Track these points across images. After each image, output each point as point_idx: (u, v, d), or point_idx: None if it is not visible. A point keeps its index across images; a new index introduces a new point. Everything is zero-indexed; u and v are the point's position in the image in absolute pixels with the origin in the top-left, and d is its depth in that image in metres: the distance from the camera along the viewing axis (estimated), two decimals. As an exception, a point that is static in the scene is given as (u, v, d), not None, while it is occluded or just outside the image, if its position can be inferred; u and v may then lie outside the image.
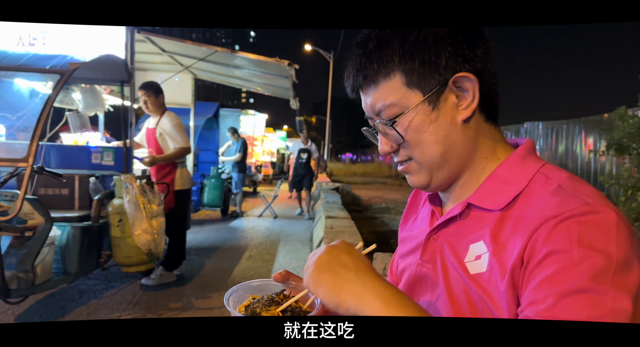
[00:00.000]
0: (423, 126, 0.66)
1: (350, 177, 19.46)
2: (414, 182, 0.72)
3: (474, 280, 0.63)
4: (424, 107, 0.65)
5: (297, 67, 5.19)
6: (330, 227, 4.64)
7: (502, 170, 0.67)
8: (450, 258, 0.68)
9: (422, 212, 0.82)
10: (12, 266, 2.75)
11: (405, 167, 0.72)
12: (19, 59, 2.81)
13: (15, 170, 2.69)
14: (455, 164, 0.68)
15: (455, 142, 0.67)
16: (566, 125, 7.64)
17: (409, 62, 0.65)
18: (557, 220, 0.55)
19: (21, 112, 3.04)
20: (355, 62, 0.69)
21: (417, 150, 0.68)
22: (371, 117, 0.72)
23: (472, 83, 0.65)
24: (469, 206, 0.68)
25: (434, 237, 0.72)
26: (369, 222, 7.40)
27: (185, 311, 3.28)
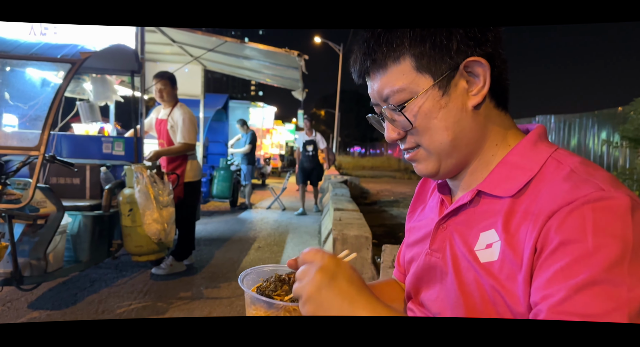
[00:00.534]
0: (433, 112, 0.64)
1: (359, 171, 19.41)
2: (422, 170, 0.70)
3: (485, 269, 0.62)
4: (434, 92, 0.64)
5: (307, 58, 5.16)
6: (339, 219, 4.62)
7: (513, 157, 0.66)
8: (460, 247, 0.67)
9: (431, 202, 0.81)
10: (25, 253, 2.79)
11: (413, 155, 0.70)
12: (30, 48, 2.82)
13: (27, 159, 2.71)
14: (464, 151, 0.67)
15: (465, 128, 0.65)
16: (579, 118, 7.52)
17: (419, 46, 0.63)
18: (570, 207, 0.54)
19: (33, 101, 3.06)
20: (363, 45, 0.68)
21: (426, 136, 0.66)
22: (377, 103, 0.70)
23: (483, 68, 0.63)
24: (479, 194, 0.67)
25: (443, 226, 0.71)
26: (378, 215, 7.38)
27: (194, 300, 3.30)
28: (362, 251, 3.61)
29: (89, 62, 3.01)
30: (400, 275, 0.90)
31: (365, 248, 3.64)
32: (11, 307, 3.00)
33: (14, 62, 3.12)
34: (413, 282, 0.77)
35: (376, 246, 3.95)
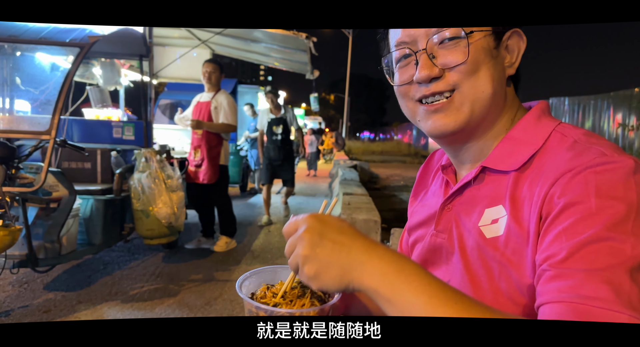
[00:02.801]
0: (487, 56, 0.63)
1: (369, 156, 19.35)
2: (446, 123, 0.65)
3: (490, 244, 0.62)
4: (490, 39, 0.64)
5: (315, 40, 5.10)
6: (348, 203, 4.62)
7: (517, 132, 0.66)
8: (466, 225, 0.66)
9: (433, 187, 0.80)
10: (39, 236, 2.84)
11: (442, 104, 0.64)
12: (39, 33, 2.82)
13: (38, 143, 2.74)
14: (494, 112, 0.66)
15: (500, 92, 0.66)
16: (594, 100, 7.38)
17: None
18: (573, 173, 0.54)
19: (43, 85, 3.07)
20: None
21: (472, 79, 0.63)
22: (411, 41, 0.65)
23: (522, 40, 0.65)
24: (484, 170, 0.66)
25: (448, 206, 0.71)
26: (387, 200, 7.37)
27: (205, 283, 3.35)
28: (371, 234, 3.62)
29: (98, 46, 3.01)
30: None
31: (374, 232, 3.64)
32: (27, 289, 3.07)
33: (24, 47, 3.13)
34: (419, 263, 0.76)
35: (385, 230, 3.96)
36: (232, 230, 4.31)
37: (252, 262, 3.92)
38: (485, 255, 0.62)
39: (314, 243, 0.55)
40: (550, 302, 0.50)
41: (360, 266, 0.53)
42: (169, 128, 6.74)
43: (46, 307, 2.81)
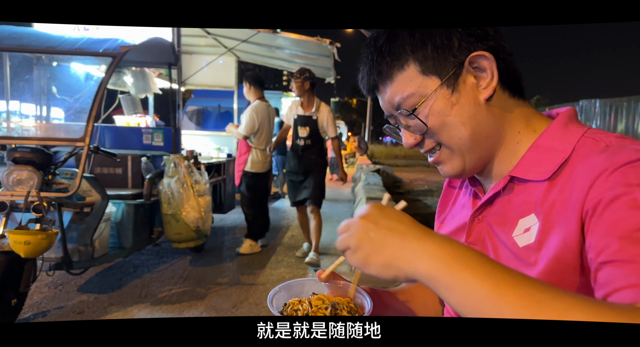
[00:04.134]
0: (445, 110, 0.65)
1: (392, 160, 19.21)
2: (448, 171, 0.70)
3: (524, 252, 0.62)
4: (443, 91, 0.65)
5: (339, 46, 5.13)
6: (373, 208, 4.61)
7: (544, 140, 0.65)
8: (499, 236, 0.66)
9: (461, 199, 0.80)
10: (74, 239, 2.95)
11: (436, 157, 0.70)
12: (74, 43, 2.94)
13: (73, 150, 2.85)
14: (485, 143, 0.67)
15: (482, 121, 0.65)
16: (627, 103, 7.13)
17: (421, 50, 0.65)
18: (610, 170, 0.54)
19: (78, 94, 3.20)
20: (367, 60, 0.69)
21: (444, 134, 0.66)
22: (391, 114, 0.71)
23: (489, 61, 0.64)
24: (513, 179, 0.66)
25: (478, 217, 0.70)
26: (411, 205, 7.31)
27: (232, 286, 3.39)
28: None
29: (129, 56, 3.10)
30: None
31: (399, 237, 3.62)
32: (62, 290, 3.18)
33: (60, 57, 3.27)
34: None
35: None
36: (256, 234, 4.38)
37: (277, 267, 3.96)
38: (520, 264, 0.62)
39: (368, 228, 0.55)
40: (619, 289, 0.49)
41: (414, 253, 0.51)
42: (196, 134, 6.88)
43: (80, 308, 2.90)
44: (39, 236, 2.40)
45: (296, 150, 3.99)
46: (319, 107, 3.93)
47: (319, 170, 4.06)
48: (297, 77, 3.82)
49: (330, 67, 6.32)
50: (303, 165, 3.99)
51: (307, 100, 3.95)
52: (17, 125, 3.54)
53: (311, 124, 3.93)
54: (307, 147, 3.95)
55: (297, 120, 3.97)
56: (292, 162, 4.07)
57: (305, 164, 3.99)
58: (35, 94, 3.63)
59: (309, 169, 3.99)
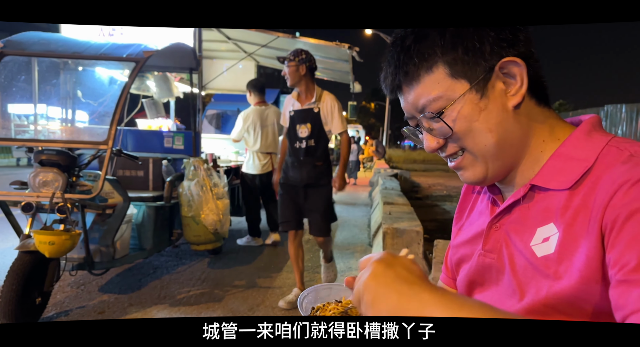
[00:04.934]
0: (473, 115, 0.64)
1: (410, 164, 19.08)
2: (469, 177, 0.69)
3: (542, 263, 0.60)
4: (472, 95, 0.63)
5: (358, 50, 5.13)
6: (389, 213, 4.58)
7: (566, 148, 0.64)
8: (516, 245, 0.65)
9: (480, 205, 0.79)
10: (95, 240, 3.01)
11: (457, 162, 0.69)
12: (99, 49, 3.02)
13: (97, 153, 2.92)
14: (510, 151, 0.66)
15: (509, 129, 0.64)
16: (654, 108, 6.92)
17: (451, 52, 0.63)
18: (631, 182, 0.53)
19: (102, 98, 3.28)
20: (392, 60, 0.68)
21: (469, 139, 0.65)
22: (412, 116, 0.70)
23: (519, 67, 0.62)
24: (533, 188, 0.65)
25: (496, 225, 0.69)
26: (430, 210, 7.24)
27: (249, 289, 3.41)
28: (413, 245, 3.56)
29: (152, 61, 3.18)
30: (449, 280, 0.87)
31: (416, 243, 3.58)
32: (84, 290, 3.25)
33: (86, 62, 3.36)
34: (465, 285, 0.76)
35: (428, 241, 3.89)
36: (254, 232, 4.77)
37: (293, 271, 3.96)
38: (537, 274, 0.61)
39: (379, 272, 0.56)
40: (635, 312, 0.48)
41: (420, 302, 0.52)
42: (215, 137, 6.96)
43: (100, 308, 2.96)
44: (63, 237, 2.46)
45: (296, 156, 3.01)
46: (320, 96, 2.99)
47: (326, 184, 3.04)
48: (291, 59, 2.91)
49: (348, 72, 6.33)
50: (305, 177, 2.99)
51: (304, 89, 2.97)
52: (43, 129, 3.65)
53: (312, 119, 2.97)
54: (310, 151, 2.98)
55: (294, 117, 3.01)
56: (290, 172, 3.05)
57: (309, 175, 2.99)
58: (61, 98, 3.74)
59: (313, 183, 3.00)
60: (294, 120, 3.03)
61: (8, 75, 3.03)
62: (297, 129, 3.01)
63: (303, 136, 2.99)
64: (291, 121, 3.04)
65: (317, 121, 2.98)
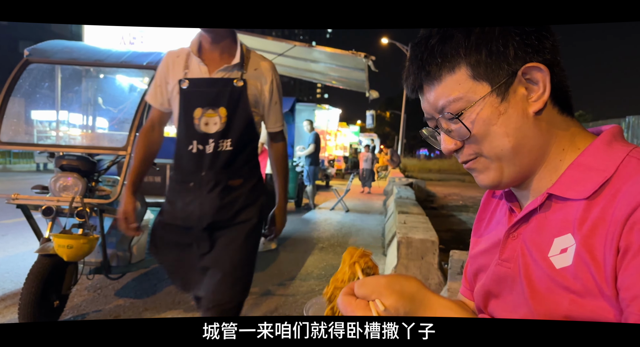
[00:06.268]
0: (492, 118, 0.63)
1: (425, 174, 18.94)
2: (483, 180, 0.69)
3: (560, 274, 0.59)
4: (492, 99, 0.63)
5: (374, 59, 5.15)
6: (404, 222, 4.54)
7: (586, 158, 0.63)
8: (533, 254, 0.64)
9: (498, 215, 0.78)
10: (113, 245, 3.05)
11: (474, 166, 0.69)
12: (120, 57, 3.09)
13: (116, 158, 2.97)
14: (527, 158, 0.65)
15: (528, 134, 0.64)
16: (678, 119, 6.76)
17: (475, 54, 0.63)
18: None
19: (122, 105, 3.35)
20: (415, 59, 0.68)
21: (486, 143, 0.65)
22: (431, 117, 0.70)
23: (543, 74, 0.62)
24: (550, 197, 0.64)
25: (513, 234, 0.69)
26: (445, 220, 7.16)
27: (262, 296, 3.41)
28: (428, 255, 3.52)
29: (170, 69, 3.22)
30: (468, 292, 0.86)
31: (431, 253, 3.54)
32: (101, 294, 3.29)
33: (107, 70, 3.44)
34: (482, 295, 0.75)
35: (443, 251, 3.84)
36: None
37: (306, 278, 3.95)
38: (555, 285, 0.60)
39: None
40: None
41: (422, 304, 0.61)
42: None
43: (116, 312, 2.99)
44: (81, 241, 2.50)
45: (193, 171, 1.68)
46: (249, 59, 1.67)
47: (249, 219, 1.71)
48: None
49: (364, 80, 6.35)
50: (209, 210, 1.65)
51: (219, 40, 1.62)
52: (65, 134, 3.74)
53: (231, 99, 1.62)
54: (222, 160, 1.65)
55: (190, 92, 1.63)
56: (178, 202, 1.71)
57: (218, 206, 1.65)
58: (83, 104, 3.83)
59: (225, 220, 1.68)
60: (188, 100, 1.63)
61: (32, 82, 3.12)
62: (197, 116, 1.63)
63: (210, 131, 1.64)
64: (183, 101, 1.64)
65: (240, 104, 1.64)
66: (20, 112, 3.11)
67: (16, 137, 2.97)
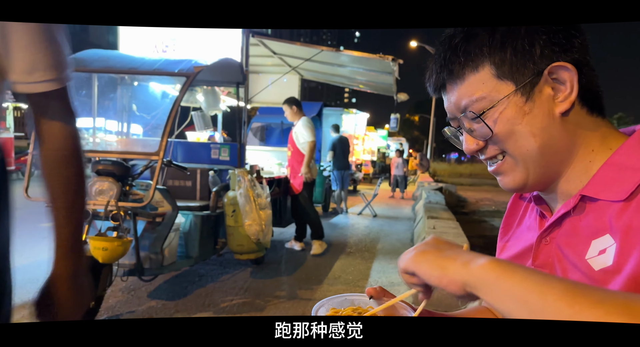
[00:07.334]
0: (516, 118, 0.62)
1: (456, 178, 18.59)
2: (508, 183, 0.67)
3: (600, 276, 0.57)
4: (516, 98, 0.62)
5: (401, 62, 5.11)
6: (433, 227, 4.47)
7: (619, 157, 0.61)
8: (570, 258, 0.62)
9: (528, 219, 0.76)
10: (145, 247, 3.13)
11: (497, 167, 0.67)
12: (153, 64, 3.19)
13: (149, 163, 3.05)
14: (554, 159, 0.63)
15: (554, 135, 0.62)
16: None
17: (499, 53, 0.62)
18: None
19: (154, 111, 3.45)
20: (438, 58, 0.67)
21: (511, 142, 0.63)
22: (454, 117, 0.69)
23: (570, 73, 0.60)
24: (584, 199, 0.62)
25: (546, 239, 0.67)
26: (477, 226, 7.00)
27: (290, 300, 3.42)
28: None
29: (201, 75, 3.30)
30: None
31: (463, 259, 3.46)
32: (134, 296, 3.38)
33: (141, 77, 3.55)
34: None
35: (475, 257, 3.74)
36: (320, 234, 4.87)
37: (334, 283, 3.93)
38: None
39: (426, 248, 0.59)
40: None
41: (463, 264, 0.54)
42: (259, 149, 7.11)
43: (149, 313, 3.06)
44: (116, 243, 2.58)
45: None
46: None
47: None
48: None
49: (392, 84, 6.30)
50: None
51: None
52: (101, 140, 3.88)
53: None
54: None
55: None
56: None
57: None
58: (118, 111, 3.97)
59: None
60: None
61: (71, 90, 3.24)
62: None
63: None
64: None
65: None
66: (60, 119, 3.23)
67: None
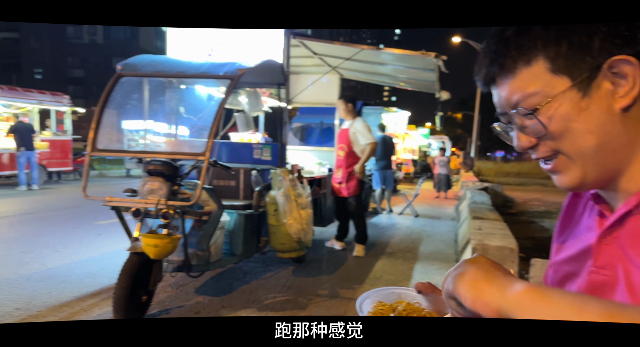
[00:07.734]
0: (571, 115, 0.59)
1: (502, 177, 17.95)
2: (564, 182, 0.64)
3: None
4: (572, 94, 0.58)
5: (445, 59, 4.99)
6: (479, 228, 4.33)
7: None
8: (634, 260, 0.59)
9: (585, 221, 0.72)
10: (193, 244, 3.25)
11: (552, 165, 0.64)
12: (199, 68, 3.30)
13: (195, 163, 3.17)
14: (613, 157, 0.60)
15: (613, 132, 0.58)
16: None
17: (554, 46, 0.59)
18: None
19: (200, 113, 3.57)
20: (489, 51, 0.64)
21: (566, 140, 0.60)
22: (505, 112, 0.66)
23: (632, 67, 0.56)
24: None
25: (607, 239, 0.63)
26: (525, 227, 6.73)
27: (331, 299, 3.44)
28: (507, 264, 3.32)
29: (244, 77, 3.38)
30: None
31: (510, 261, 3.34)
32: (182, 291, 3.52)
33: (187, 81, 3.68)
34: None
35: (523, 260, 3.61)
36: (365, 239, 4.89)
37: (375, 283, 3.91)
38: None
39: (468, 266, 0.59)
40: None
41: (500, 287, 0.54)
42: (299, 149, 7.18)
43: (196, 309, 3.18)
44: (165, 240, 2.70)
45: None
46: None
47: None
48: None
49: (434, 81, 6.17)
50: None
51: None
52: (151, 142, 4.06)
53: None
54: None
55: None
56: None
57: None
58: (166, 113, 4.14)
59: None
60: None
61: (124, 94, 3.42)
62: None
63: None
64: None
65: None
66: (113, 122, 3.42)
67: (110, 145, 3.27)
